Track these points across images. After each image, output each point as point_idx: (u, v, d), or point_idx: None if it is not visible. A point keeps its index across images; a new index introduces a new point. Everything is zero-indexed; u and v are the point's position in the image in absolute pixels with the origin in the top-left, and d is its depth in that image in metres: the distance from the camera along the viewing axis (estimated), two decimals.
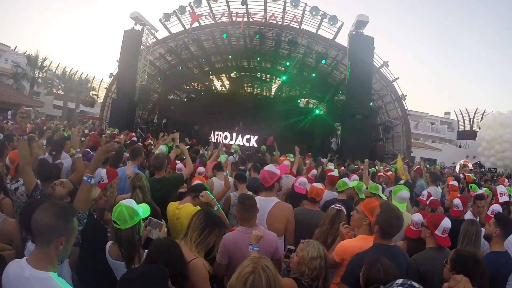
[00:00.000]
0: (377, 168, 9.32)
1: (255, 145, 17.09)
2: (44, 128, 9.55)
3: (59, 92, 33.65)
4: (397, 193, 4.15)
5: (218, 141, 18.00)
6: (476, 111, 36.53)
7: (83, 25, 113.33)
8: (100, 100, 30.33)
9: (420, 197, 5.39)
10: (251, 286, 1.71)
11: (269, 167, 3.92)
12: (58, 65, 33.70)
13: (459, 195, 5.29)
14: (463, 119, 38.66)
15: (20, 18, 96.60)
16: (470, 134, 36.07)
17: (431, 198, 5.17)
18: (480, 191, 6.14)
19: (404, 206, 4.12)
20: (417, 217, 3.32)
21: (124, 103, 18.58)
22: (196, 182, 4.13)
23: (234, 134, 18.28)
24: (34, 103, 26.98)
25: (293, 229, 3.67)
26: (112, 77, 20.98)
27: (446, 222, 2.95)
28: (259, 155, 10.16)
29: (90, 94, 36.14)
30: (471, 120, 37.24)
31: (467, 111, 37.67)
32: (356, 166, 10.66)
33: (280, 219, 3.58)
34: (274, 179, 3.77)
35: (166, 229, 2.87)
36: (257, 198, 3.50)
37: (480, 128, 31.58)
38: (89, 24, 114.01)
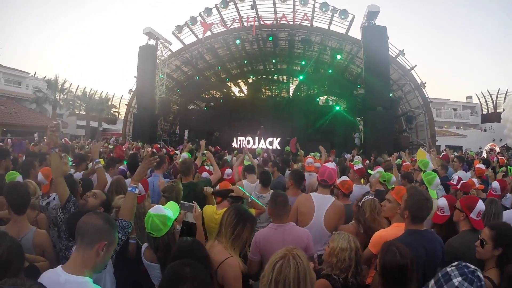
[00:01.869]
0: (402, 159, 9.10)
1: (278, 147, 17.13)
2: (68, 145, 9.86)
3: (81, 112, 34.76)
4: (433, 181, 4.09)
5: (241, 147, 18.17)
6: (498, 92, 35.16)
7: (98, 46, 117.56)
8: (122, 116, 31.06)
9: (451, 181, 5.18)
10: (278, 271, 1.73)
11: (330, 165, 3.93)
12: (78, 86, 34.91)
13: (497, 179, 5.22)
14: (486, 102, 37.34)
15: (37, 44, 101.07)
16: (494, 117, 34.80)
17: (462, 181, 4.90)
18: None
19: (435, 193, 4.07)
20: (442, 201, 3.23)
21: (145, 117, 18.98)
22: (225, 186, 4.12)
23: (257, 138, 18.38)
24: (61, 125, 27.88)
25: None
26: (132, 93, 21.46)
27: (481, 205, 2.87)
28: (284, 156, 10.23)
29: (112, 111, 37.16)
30: (494, 102, 35.88)
31: (489, 93, 36.27)
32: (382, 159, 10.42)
33: (335, 217, 3.59)
34: (333, 179, 3.81)
35: (199, 209, 3.01)
36: (313, 194, 3.70)
37: (504, 110, 30.40)
38: (105, 43, 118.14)
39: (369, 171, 5.46)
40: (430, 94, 17.65)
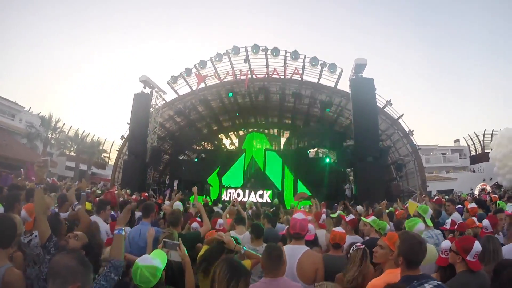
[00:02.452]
0: (395, 208, 9.06)
1: (268, 200, 16.92)
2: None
3: (72, 153, 34.45)
4: (413, 227, 4.00)
5: (231, 199, 18.00)
6: (484, 133, 35.97)
7: (94, 89, 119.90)
8: (112, 162, 30.69)
9: (444, 226, 5.14)
10: None
11: (299, 215, 3.77)
12: (71, 127, 34.75)
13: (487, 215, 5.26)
14: (473, 144, 38.21)
15: (34, 80, 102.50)
16: (483, 157, 35.43)
17: (458, 222, 4.97)
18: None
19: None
20: (446, 243, 3.21)
21: (135, 165, 18.78)
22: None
23: (247, 191, 18.23)
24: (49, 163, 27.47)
25: (322, 278, 3.46)
26: (124, 139, 21.47)
27: (477, 246, 2.83)
28: (274, 209, 10.18)
29: (102, 156, 36.91)
30: (482, 142, 36.66)
31: (476, 134, 37.25)
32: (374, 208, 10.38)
33: (309, 267, 3.44)
34: (305, 229, 3.69)
35: (184, 248, 2.89)
36: (285, 247, 3.50)
37: (491, 149, 31.08)
38: (101, 87, 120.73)
39: (362, 218, 5.38)
40: (418, 141, 18.09)
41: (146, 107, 19.77)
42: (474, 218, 5.34)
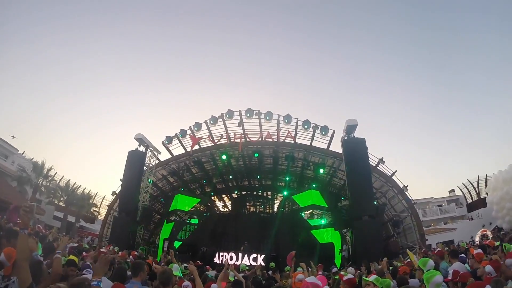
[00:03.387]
0: (398, 264, 8.93)
1: (263, 263, 16.37)
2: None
3: (61, 203, 33.39)
4: (431, 280, 4.01)
5: (223, 262, 17.41)
6: (478, 179, 35.58)
7: (89, 142, 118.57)
8: (101, 217, 29.93)
9: (447, 277, 4.97)
10: None
11: (312, 279, 3.79)
12: (63, 177, 34.09)
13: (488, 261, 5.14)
14: (469, 191, 37.57)
15: (31, 126, 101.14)
16: (479, 203, 34.88)
17: (460, 273, 4.83)
18: None
19: None
20: None
21: (125, 222, 18.22)
22: None
23: (240, 254, 17.89)
24: (35, 209, 26.38)
25: None
26: (115, 195, 21.09)
27: None
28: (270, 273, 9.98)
29: (92, 210, 35.83)
30: (477, 189, 36.09)
31: (470, 182, 36.82)
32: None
33: None
34: None
35: None
36: None
37: (487, 194, 30.71)
38: (95, 142, 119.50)
39: (364, 278, 5.34)
40: (413, 195, 18.22)
41: (140, 165, 19.78)
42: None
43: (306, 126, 19.22)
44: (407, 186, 17.50)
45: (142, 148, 20.21)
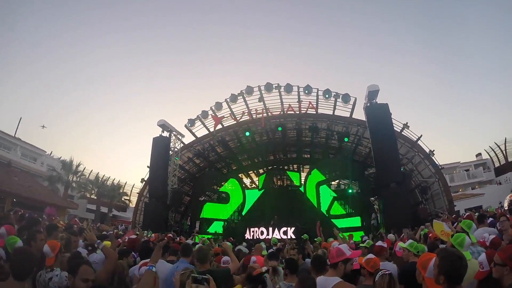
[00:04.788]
0: (428, 229, 8.78)
1: (293, 236, 16.58)
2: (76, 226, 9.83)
3: (92, 196, 34.78)
4: (463, 243, 3.96)
5: (254, 237, 17.73)
6: (505, 142, 34.11)
7: (114, 134, 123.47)
8: (132, 204, 31.10)
9: (480, 240, 4.94)
10: None
11: (343, 246, 3.70)
12: (91, 171, 35.29)
13: None
14: (496, 155, 36.11)
15: (54, 125, 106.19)
16: (508, 167, 33.82)
17: (489, 237, 4.79)
18: None
19: (469, 253, 3.90)
20: (482, 257, 3.10)
21: (156, 207, 18.80)
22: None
23: (270, 229, 18.10)
24: (69, 204, 27.96)
25: None
26: (144, 182, 21.66)
27: None
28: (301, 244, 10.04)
29: (123, 199, 37.19)
30: (504, 152, 34.67)
31: (497, 145, 35.25)
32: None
33: None
34: (340, 258, 3.51)
35: (214, 283, 2.81)
36: (319, 277, 3.41)
37: None
38: (120, 133, 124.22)
39: (400, 244, 5.23)
40: (439, 160, 17.65)
41: (165, 150, 20.10)
42: None
43: (327, 96, 18.81)
44: (434, 150, 16.92)
45: (166, 134, 20.47)
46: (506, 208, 11.44)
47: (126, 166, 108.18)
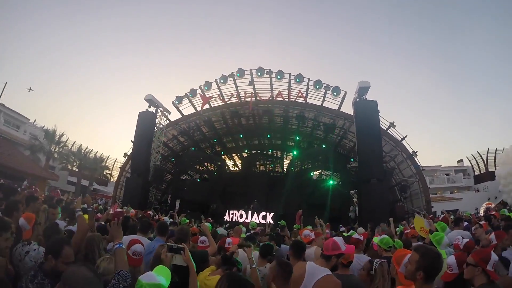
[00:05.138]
0: (404, 226, 9.08)
1: (271, 222, 16.77)
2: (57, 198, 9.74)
3: (74, 168, 34.22)
4: (441, 241, 4.30)
5: (233, 220, 17.88)
6: (488, 152, 35.49)
7: (99, 106, 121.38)
8: (114, 179, 30.65)
9: (454, 242, 5.11)
10: None
11: (339, 239, 3.60)
12: (74, 142, 34.63)
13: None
14: (477, 163, 37.62)
15: (40, 93, 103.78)
16: (487, 176, 35.02)
17: (463, 240, 4.92)
18: None
19: (444, 252, 4.13)
20: (451, 259, 3.19)
21: (138, 183, 18.68)
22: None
23: (250, 212, 18.26)
24: (49, 175, 27.53)
25: None
26: (127, 157, 21.46)
27: (494, 256, 2.87)
28: (278, 229, 10.19)
29: (104, 172, 36.69)
30: (485, 162, 36.11)
31: (479, 154, 36.71)
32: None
33: None
34: (335, 252, 3.43)
35: (189, 252, 2.91)
36: (308, 263, 3.40)
37: (496, 167, 30.87)
38: (105, 105, 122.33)
39: (374, 239, 5.38)
40: (422, 162, 18.06)
41: (151, 126, 19.92)
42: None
43: (317, 86, 18.80)
44: (417, 152, 17.32)
45: (152, 109, 20.23)
46: (482, 215, 11.99)
47: (110, 140, 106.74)
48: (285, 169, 24.71)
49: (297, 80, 19.04)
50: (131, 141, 19.85)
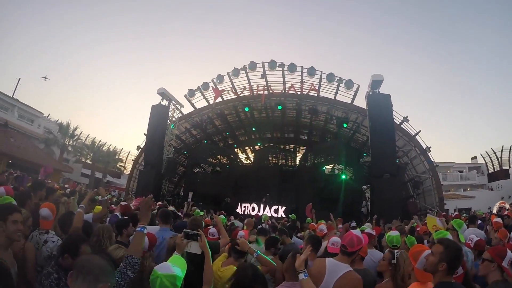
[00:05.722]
0: (416, 223, 8.95)
1: (283, 215, 16.79)
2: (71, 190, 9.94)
3: (88, 161, 34.89)
4: (462, 225, 4.53)
5: (246, 213, 17.95)
6: (502, 149, 34.80)
7: (113, 99, 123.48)
8: (127, 171, 31.20)
9: (467, 241, 5.08)
10: None
11: (359, 233, 3.60)
12: (88, 135, 35.16)
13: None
14: (491, 161, 36.90)
15: (53, 88, 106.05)
16: (501, 174, 34.56)
17: (475, 239, 4.96)
18: None
19: (463, 237, 4.37)
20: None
21: (151, 175, 18.94)
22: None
23: (262, 206, 18.23)
24: (63, 167, 28.18)
25: None
26: (140, 149, 21.74)
27: (510, 253, 2.88)
28: (290, 223, 10.17)
29: (118, 165, 37.30)
30: (499, 159, 35.44)
31: (493, 151, 36.02)
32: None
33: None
34: (359, 247, 3.42)
35: (205, 239, 2.93)
36: (328, 259, 3.39)
37: (510, 166, 30.19)
38: (119, 99, 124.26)
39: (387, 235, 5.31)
40: (435, 158, 17.78)
41: (163, 119, 20.07)
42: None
43: (330, 80, 18.59)
44: (430, 147, 17.01)
45: (165, 102, 20.33)
46: (495, 214, 11.73)
47: (124, 133, 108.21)
48: (297, 163, 24.60)
49: (310, 73, 18.87)
50: (144, 134, 20.09)
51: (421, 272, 2.65)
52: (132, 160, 23.84)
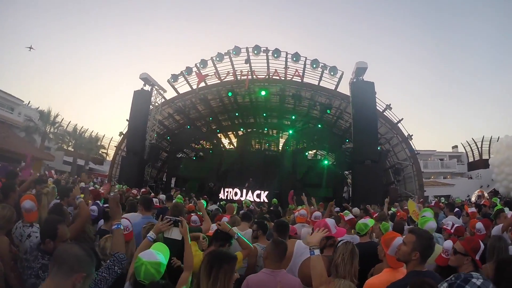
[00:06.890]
0: (396, 209, 9.20)
1: (266, 200, 16.94)
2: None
3: (69, 148, 34.41)
4: (424, 224, 4.25)
5: (228, 198, 18.04)
6: (483, 140, 36.10)
7: (94, 85, 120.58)
8: (110, 158, 30.72)
9: (445, 226, 5.25)
10: None
11: (331, 222, 3.53)
12: (70, 122, 34.66)
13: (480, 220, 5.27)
14: (472, 150, 38.40)
15: (34, 74, 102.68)
16: (480, 164, 35.84)
17: (455, 225, 5.04)
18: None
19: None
20: (448, 244, 3.26)
21: (133, 161, 18.74)
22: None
23: (244, 190, 18.29)
24: (45, 156, 27.55)
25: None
26: (122, 135, 21.42)
27: (482, 245, 2.94)
28: (272, 208, 10.25)
29: (100, 152, 36.84)
30: (480, 149, 36.86)
31: (474, 141, 37.38)
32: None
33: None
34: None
35: (186, 225, 2.90)
36: (298, 241, 3.53)
37: (490, 156, 31.62)
38: (101, 84, 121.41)
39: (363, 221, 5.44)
40: (417, 146, 18.21)
41: (146, 104, 19.76)
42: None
43: (314, 65, 18.54)
44: (412, 135, 17.39)
45: (147, 88, 20.01)
46: (474, 202, 12.24)
47: (106, 119, 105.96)
48: (280, 148, 24.76)
49: (294, 59, 18.76)
50: (127, 120, 19.74)
51: (392, 258, 2.73)
52: (115, 146, 23.46)
